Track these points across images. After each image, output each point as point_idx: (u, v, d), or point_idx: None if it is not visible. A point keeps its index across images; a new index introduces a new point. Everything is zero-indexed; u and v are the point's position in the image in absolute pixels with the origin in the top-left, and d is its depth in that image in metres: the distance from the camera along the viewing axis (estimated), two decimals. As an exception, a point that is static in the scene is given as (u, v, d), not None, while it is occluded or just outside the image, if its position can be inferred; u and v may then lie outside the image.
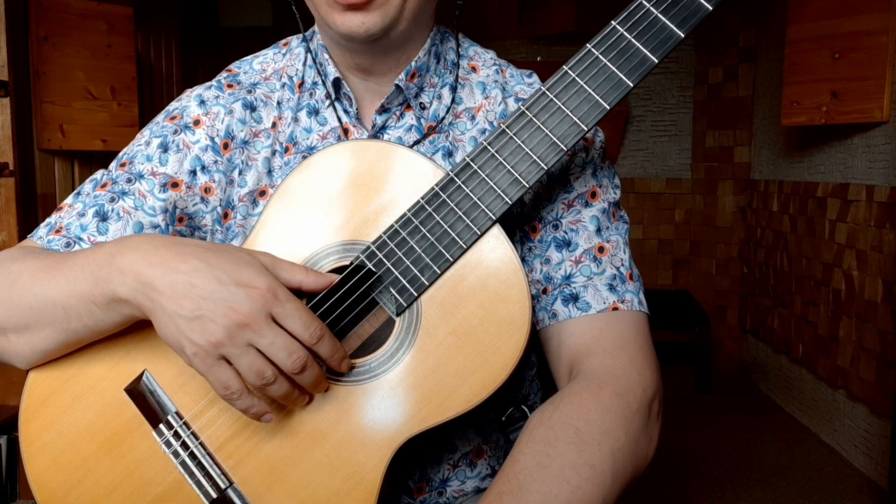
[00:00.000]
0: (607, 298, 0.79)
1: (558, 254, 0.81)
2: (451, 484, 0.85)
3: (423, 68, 0.83)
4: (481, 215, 0.71)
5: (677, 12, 0.68)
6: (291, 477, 0.71)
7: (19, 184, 2.36)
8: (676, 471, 2.60)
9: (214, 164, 0.83)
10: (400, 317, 0.72)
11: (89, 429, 0.73)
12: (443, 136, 0.83)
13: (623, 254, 0.82)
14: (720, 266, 3.87)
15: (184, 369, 0.72)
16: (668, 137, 3.97)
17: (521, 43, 3.98)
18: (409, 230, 0.71)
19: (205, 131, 0.83)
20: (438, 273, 0.71)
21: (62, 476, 0.73)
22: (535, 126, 0.70)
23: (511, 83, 0.87)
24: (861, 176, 2.58)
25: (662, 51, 0.68)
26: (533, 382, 0.91)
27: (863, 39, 2.45)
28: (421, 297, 0.71)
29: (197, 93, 0.86)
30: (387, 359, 0.71)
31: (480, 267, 0.71)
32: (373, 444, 0.70)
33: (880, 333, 2.40)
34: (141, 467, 0.72)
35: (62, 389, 0.74)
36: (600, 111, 0.70)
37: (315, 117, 0.85)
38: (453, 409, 0.70)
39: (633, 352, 0.76)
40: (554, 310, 0.80)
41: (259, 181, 0.83)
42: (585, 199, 0.82)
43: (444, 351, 0.70)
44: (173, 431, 0.72)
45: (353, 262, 0.72)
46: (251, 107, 0.85)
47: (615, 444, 0.69)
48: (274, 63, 0.88)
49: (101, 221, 0.80)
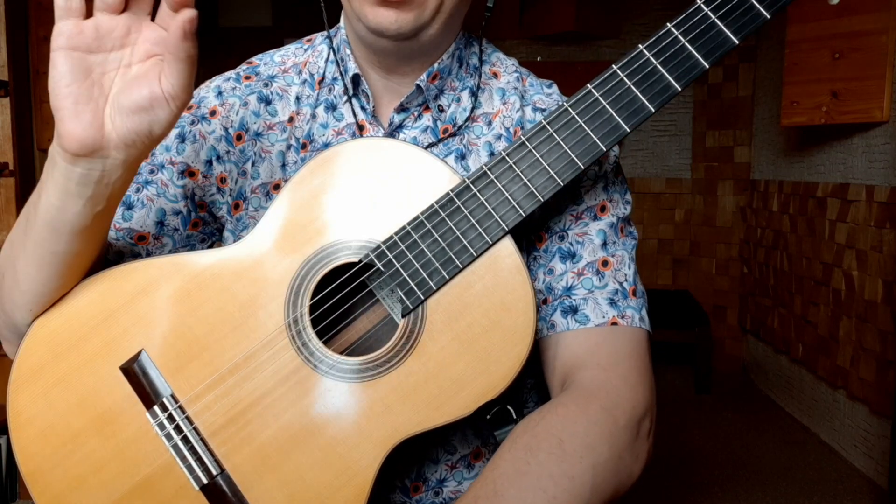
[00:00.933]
0: (607, 313, 0.78)
1: (562, 265, 0.81)
2: (448, 484, 0.85)
3: (445, 71, 0.83)
4: (494, 225, 0.71)
5: (704, 43, 0.69)
6: (284, 468, 0.71)
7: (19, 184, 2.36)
8: (676, 471, 2.60)
9: (227, 154, 0.84)
10: (405, 318, 0.72)
11: (81, 404, 0.72)
12: (457, 139, 0.83)
13: (628, 269, 0.81)
14: (720, 266, 3.87)
15: (182, 352, 0.72)
16: (668, 137, 3.96)
17: (521, 43, 3.98)
18: (421, 233, 0.72)
19: (220, 122, 0.84)
20: (447, 278, 0.71)
21: (49, 449, 0.72)
22: (555, 142, 0.71)
23: (530, 92, 0.87)
24: (861, 176, 2.57)
25: (686, 79, 0.70)
26: (532, 391, 0.90)
27: (863, 39, 2.45)
28: (427, 300, 0.71)
29: (216, 84, 0.87)
30: (388, 359, 0.71)
31: (488, 276, 0.71)
32: (368, 443, 0.70)
33: (880, 333, 2.40)
34: (131, 447, 0.72)
35: (55, 362, 0.73)
36: (620, 133, 0.71)
37: (332, 113, 0.85)
38: (450, 414, 0.70)
39: (627, 368, 0.76)
40: (552, 321, 0.80)
41: (272, 174, 0.84)
42: (594, 212, 0.82)
43: (445, 356, 0.71)
44: (167, 414, 0.72)
45: (361, 261, 0.72)
46: (266, 100, 0.85)
47: (597, 459, 0.68)
48: (295, 57, 0.88)
49: (126, 210, 0.83)
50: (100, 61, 0.63)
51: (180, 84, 0.62)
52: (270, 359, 0.72)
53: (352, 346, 0.78)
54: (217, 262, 0.74)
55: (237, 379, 0.72)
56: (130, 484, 0.72)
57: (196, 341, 0.73)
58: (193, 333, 0.73)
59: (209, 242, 0.88)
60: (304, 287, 0.73)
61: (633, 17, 3.89)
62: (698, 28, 0.69)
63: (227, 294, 0.73)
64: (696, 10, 0.69)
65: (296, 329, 0.72)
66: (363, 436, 0.71)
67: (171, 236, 0.85)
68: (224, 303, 0.73)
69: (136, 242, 0.83)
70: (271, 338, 0.72)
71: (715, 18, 0.69)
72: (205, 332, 0.73)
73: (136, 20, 0.63)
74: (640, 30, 3.88)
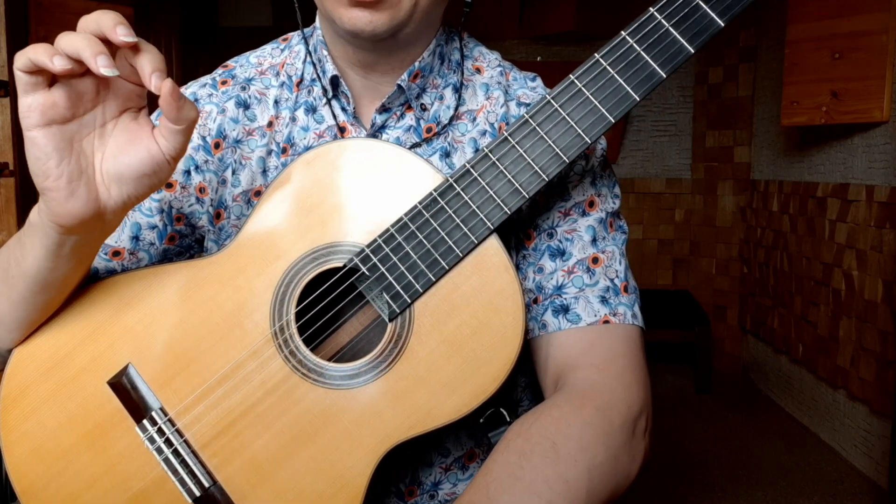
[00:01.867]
0: (598, 311, 0.77)
1: (552, 263, 0.79)
2: (443, 487, 0.84)
3: (426, 69, 0.81)
4: (479, 224, 0.70)
5: (689, 27, 0.67)
6: (276, 478, 0.70)
7: (19, 184, 2.36)
8: (676, 471, 2.60)
9: (206, 163, 0.82)
10: (392, 322, 0.71)
11: (70, 420, 0.72)
12: (441, 137, 0.82)
13: (619, 265, 0.80)
14: (720, 266, 3.86)
15: (169, 364, 0.72)
16: (668, 137, 3.96)
17: (520, 43, 3.98)
18: (406, 235, 0.70)
19: (197, 131, 0.82)
20: (433, 280, 0.70)
21: (42, 467, 0.72)
22: (538, 136, 0.69)
23: (514, 86, 0.85)
24: (861, 176, 2.57)
25: (672, 65, 0.67)
26: (526, 390, 0.89)
27: (863, 39, 2.45)
28: (414, 303, 0.70)
29: (191, 90, 0.85)
30: (376, 364, 0.70)
31: (475, 276, 0.70)
32: (359, 450, 0.70)
33: (880, 333, 2.40)
34: (123, 462, 0.72)
35: (43, 379, 0.73)
36: (605, 124, 0.69)
37: (312, 115, 0.83)
38: (442, 419, 0.69)
39: (621, 367, 0.75)
40: (544, 320, 0.78)
41: (253, 181, 0.82)
42: (583, 208, 0.80)
43: (434, 359, 0.70)
44: (157, 428, 0.71)
45: (346, 266, 0.71)
46: (244, 104, 0.83)
47: (593, 461, 0.67)
48: (271, 58, 0.86)
49: None
50: (76, 128, 0.60)
51: (182, 144, 0.61)
52: (258, 368, 0.71)
53: (340, 352, 0.77)
54: (201, 272, 0.73)
55: (226, 390, 0.71)
56: (124, 499, 0.71)
57: (183, 353, 0.72)
58: (180, 345, 0.72)
59: (186, 256, 0.86)
60: (290, 293, 0.72)
61: (633, 17, 3.88)
62: (683, 11, 0.67)
63: (213, 304, 0.72)
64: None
65: (283, 337, 0.71)
66: (354, 443, 0.70)
67: (146, 251, 0.83)
68: (209, 313, 0.72)
69: (110, 258, 0.82)
70: (258, 347, 0.72)
71: (700, 1, 0.66)
72: (192, 343, 0.72)
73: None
74: (640, 30, 3.88)
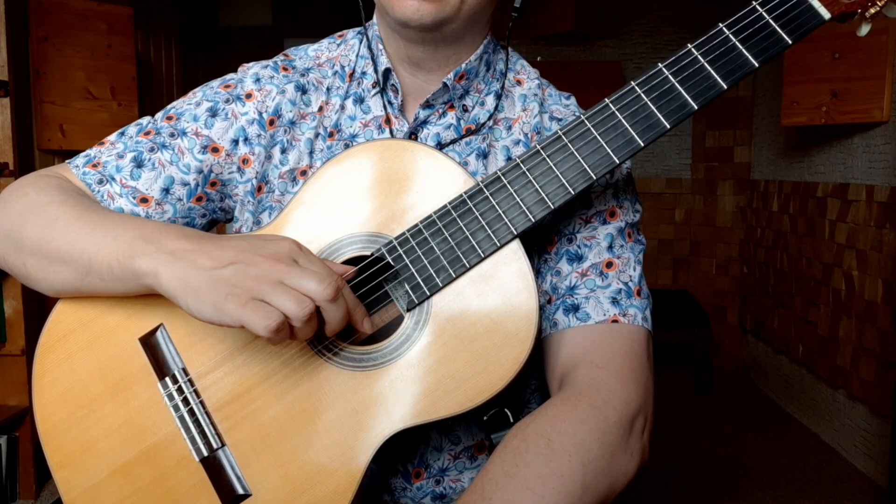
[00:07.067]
0: (608, 311, 0.79)
1: (568, 266, 0.82)
2: (450, 473, 0.86)
3: (472, 72, 0.86)
4: (503, 228, 0.73)
5: (723, 64, 0.71)
6: (281, 448, 0.73)
7: (19, 184, 2.36)
8: (676, 471, 2.60)
9: (258, 137, 0.86)
10: (409, 313, 0.74)
11: (100, 370, 0.76)
12: (480, 138, 0.86)
13: (633, 271, 0.82)
14: (720, 266, 3.87)
15: (197, 328, 0.75)
16: (668, 137, 3.96)
17: (521, 43, 3.98)
18: (432, 231, 0.74)
19: (255, 105, 0.86)
20: (453, 277, 0.73)
21: (66, 411, 0.76)
22: (569, 152, 0.73)
23: (549, 101, 0.90)
24: (861, 176, 2.58)
25: (704, 98, 0.71)
26: (535, 393, 0.91)
27: (863, 39, 2.44)
28: (432, 297, 0.73)
29: (254, 70, 0.89)
30: (391, 351, 0.73)
31: (495, 278, 0.73)
32: (364, 431, 0.72)
33: (880, 333, 2.40)
34: (141, 415, 0.75)
35: (81, 329, 0.77)
36: (634, 147, 0.72)
37: (360, 105, 0.87)
38: (446, 410, 0.72)
39: (620, 365, 0.76)
40: (555, 319, 0.80)
41: (300, 160, 0.86)
42: (604, 216, 0.83)
43: (446, 352, 0.72)
44: (177, 386, 0.75)
45: (373, 254, 0.75)
46: (303, 89, 0.87)
47: (587, 456, 0.68)
48: (328, 52, 0.91)
49: (136, 167, 0.83)
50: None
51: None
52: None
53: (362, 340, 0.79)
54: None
55: (245, 358, 0.75)
56: (136, 450, 0.75)
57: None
58: None
59: (209, 219, 0.89)
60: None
61: (633, 17, 3.89)
62: (718, 50, 0.71)
63: None
64: (718, 33, 0.71)
65: None
66: (359, 424, 0.72)
67: (173, 204, 0.85)
68: None
69: (137, 203, 0.84)
70: None
71: (736, 41, 0.70)
72: None
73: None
74: (640, 30, 3.88)
